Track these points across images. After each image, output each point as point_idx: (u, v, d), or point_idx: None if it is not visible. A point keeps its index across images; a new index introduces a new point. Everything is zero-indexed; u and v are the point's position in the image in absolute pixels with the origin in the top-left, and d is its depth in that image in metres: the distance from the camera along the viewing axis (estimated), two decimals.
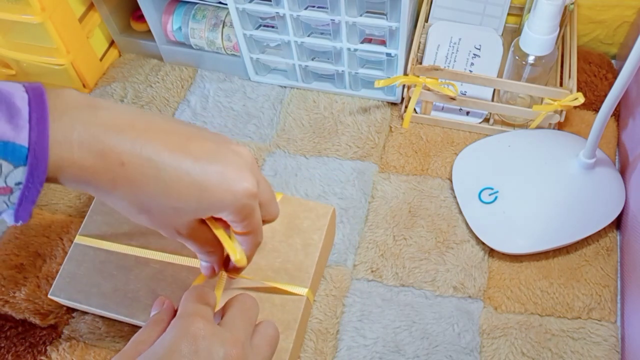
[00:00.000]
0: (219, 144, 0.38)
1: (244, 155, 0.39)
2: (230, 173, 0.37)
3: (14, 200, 0.34)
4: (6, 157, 0.32)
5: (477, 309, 0.55)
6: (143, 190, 0.36)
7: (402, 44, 0.62)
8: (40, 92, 0.33)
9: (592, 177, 0.57)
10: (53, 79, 0.73)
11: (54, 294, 0.52)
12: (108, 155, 0.34)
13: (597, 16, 0.71)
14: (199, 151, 0.37)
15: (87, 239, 0.54)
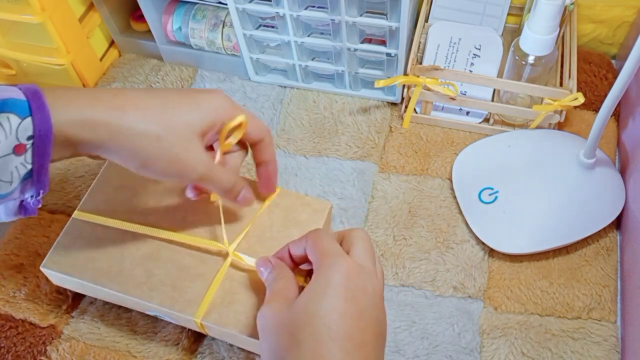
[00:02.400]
0: (188, 93, 0.45)
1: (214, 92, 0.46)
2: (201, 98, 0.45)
3: (29, 160, 0.39)
4: (11, 110, 0.37)
5: (477, 309, 0.55)
6: (135, 146, 0.41)
7: (402, 44, 0.62)
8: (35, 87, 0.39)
9: (592, 177, 0.57)
10: (53, 79, 0.73)
11: (47, 266, 0.51)
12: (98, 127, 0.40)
13: (597, 16, 0.71)
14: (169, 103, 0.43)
15: (85, 214, 0.54)
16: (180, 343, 0.54)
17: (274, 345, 0.39)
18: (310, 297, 0.39)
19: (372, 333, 0.39)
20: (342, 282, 0.39)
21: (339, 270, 0.40)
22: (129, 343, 0.54)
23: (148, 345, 0.54)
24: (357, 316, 0.39)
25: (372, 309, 0.40)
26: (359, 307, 0.39)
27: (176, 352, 0.53)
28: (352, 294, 0.39)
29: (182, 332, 0.54)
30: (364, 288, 0.40)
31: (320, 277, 0.40)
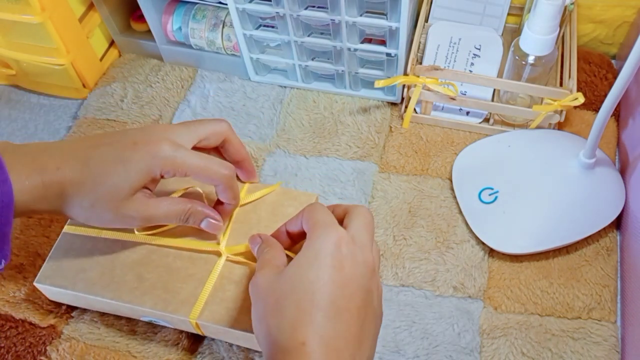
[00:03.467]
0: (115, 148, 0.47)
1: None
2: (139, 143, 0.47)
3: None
4: None
5: (477, 309, 0.55)
6: (76, 213, 0.46)
7: (402, 44, 0.62)
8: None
9: (592, 177, 0.57)
10: (53, 79, 0.73)
11: (40, 281, 0.52)
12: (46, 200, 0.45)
13: (597, 16, 0.71)
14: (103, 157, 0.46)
15: (75, 227, 0.54)
16: (180, 343, 0.54)
17: (261, 312, 0.40)
18: (298, 265, 0.40)
19: (359, 301, 0.39)
20: (329, 251, 0.39)
21: (328, 240, 0.40)
22: (129, 343, 0.54)
23: (148, 345, 0.54)
24: (343, 284, 0.39)
25: (359, 278, 0.40)
26: (345, 275, 0.39)
27: (176, 352, 0.53)
28: (340, 262, 0.39)
29: (182, 333, 0.54)
30: (353, 257, 0.40)
31: (309, 247, 0.40)
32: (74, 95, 0.75)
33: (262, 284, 0.41)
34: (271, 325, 0.39)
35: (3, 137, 0.72)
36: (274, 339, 0.38)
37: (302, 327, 0.37)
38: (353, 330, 0.38)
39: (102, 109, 0.72)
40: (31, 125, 0.73)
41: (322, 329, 0.37)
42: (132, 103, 0.72)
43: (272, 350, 0.38)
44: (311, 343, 0.37)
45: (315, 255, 0.40)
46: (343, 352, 0.37)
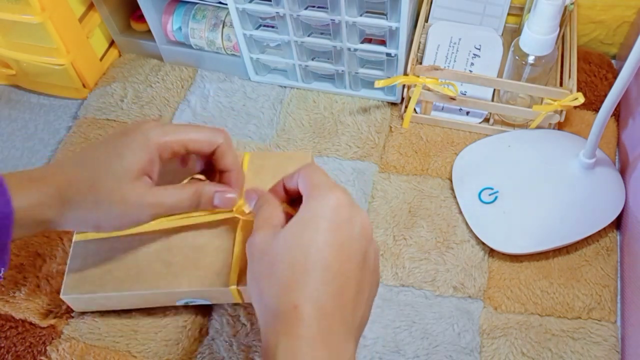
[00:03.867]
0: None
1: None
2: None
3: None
4: None
5: (477, 309, 0.55)
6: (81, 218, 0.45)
7: (402, 44, 0.62)
8: None
9: (592, 177, 0.57)
10: (53, 79, 0.73)
11: (66, 293, 0.51)
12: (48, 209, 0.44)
13: (597, 16, 0.71)
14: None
15: (84, 234, 0.54)
16: (180, 343, 0.54)
17: (256, 272, 0.40)
18: (294, 227, 0.39)
19: (355, 265, 0.38)
20: (327, 213, 0.38)
21: (327, 202, 0.39)
22: (129, 343, 0.54)
23: (148, 345, 0.54)
24: (339, 247, 0.38)
25: (356, 242, 0.39)
26: (341, 238, 0.38)
27: (176, 352, 0.53)
28: (337, 225, 0.38)
29: (182, 332, 0.54)
30: (350, 219, 0.39)
31: (306, 209, 0.40)
32: (74, 95, 0.75)
33: (258, 244, 0.40)
34: (264, 288, 0.38)
35: (3, 137, 0.72)
36: (267, 301, 0.38)
37: (295, 290, 0.36)
38: (348, 294, 0.37)
39: (102, 109, 0.72)
40: (31, 125, 0.73)
41: (316, 293, 0.36)
42: (132, 103, 0.72)
43: (264, 312, 0.38)
44: (303, 306, 0.36)
45: (312, 217, 0.39)
46: (336, 316, 0.36)
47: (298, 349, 0.35)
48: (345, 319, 0.37)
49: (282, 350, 0.35)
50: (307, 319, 0.35)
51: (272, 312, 0.37)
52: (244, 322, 0.55)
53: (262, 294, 0.38)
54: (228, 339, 0.54)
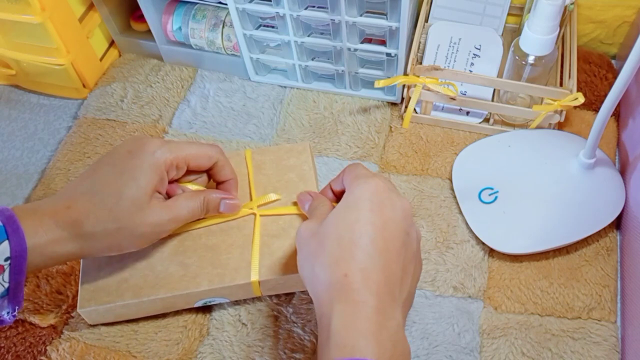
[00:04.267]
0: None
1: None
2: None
3: (7, 279, 0.42)
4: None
5: (477, 309, 0.55)
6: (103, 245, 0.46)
7: (402, 44, 0.62)
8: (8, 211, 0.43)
9: (592, 177, 0.57)
10: (53, 79, 0.73)
11: (83, 306, 0.51)
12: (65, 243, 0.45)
13: (597, 16, 0.71)
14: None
15: None
16: (180, 343, 0.54)
17: (305, 254, 0.42)
18: (338, 211, 0.42)
19: (398, 242, 0.40)
20: (368, 196, 0.41)
21: (367, 187, 0.42)
22: (129, 343, 0.54)
23: (148, 345, 0.54)
24: (382, 225, 0.40)
25: (398, 221, 0.41)
26: (383, 218, 0.40)
27: (176, 352, 0.53)
28: (378, 206, 0.41)
29: (182, 332, 0.54)
30: (391, 201, 0.41)
31: (349, 195, 0.42)
32: (74, 95, 0.75)
33: (304, 232, 0.43)
34: (315, 264, 0.40)
35: (3, 137, 0.72)
36: (318, 276, 0.40)
37: (344, 261, 0.39)
38: (393, 270, 0.39)
39: (102, 109, 0.72)
40: (31, 125, 0.73)
41: (363, 263, 0.39)
42: (132, 103, 0.72)
43: (316, 286, 0.40)
44: (353, 274, 0.38)
45: (355, 201, 0.41)
46: (382, 286, 0.38)
47: (351, 311, 0.37)
48: (392, 292, 0.39)
49: (337, 314, 0.37)
50: (357, 286, 0.38)
51: (325, 284, 0.39)
52: (244, 322, 0.55)
53: (313, 272, 0.41)
54: (228, 339, 0.54)
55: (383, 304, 0.38)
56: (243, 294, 0.53)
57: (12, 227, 0.42)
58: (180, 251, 0.53)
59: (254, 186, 0.56)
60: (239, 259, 0.52)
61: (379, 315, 0.37)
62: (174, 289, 0.51)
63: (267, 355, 0.53)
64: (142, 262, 0.52)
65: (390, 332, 0.38)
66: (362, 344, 0.36)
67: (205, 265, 0.52)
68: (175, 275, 0.51)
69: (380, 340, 0.37)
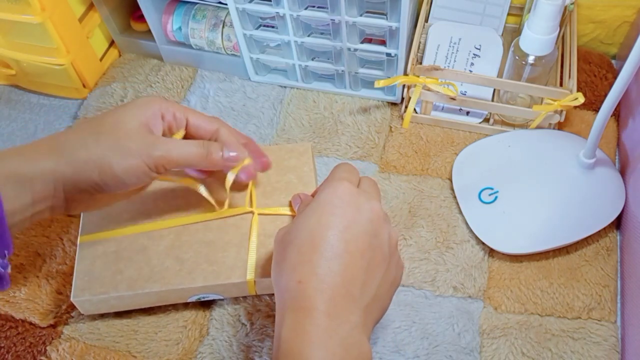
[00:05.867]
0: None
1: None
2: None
3: None
4: None
5: (477, 309, 0.55)
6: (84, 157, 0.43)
7: (402, 44, 0.62)
8: None
9: (592, 177, 0.57)
10: (53, 79, 0.73)
11: (77, 296, 0.51)
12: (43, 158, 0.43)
13: (597, 16, 0.71)
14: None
15: (89, 236, 0.54)
16: (180, 343, 0.54)
17: (275, 259, 0.42)
18: (303, 215, 0.41)
19: (362, 244, 0.40)
20: (331, 199, 0.41)
21: (332, 190, 0.41)
22: (129, 343, 0.54)
23: (148, 345, 0.54)
24: (343, 228, 0.40)
25: (364, 223, 0.40)
26: (346, 220, 0.40)
27: (176, 352, 0.53)
28: (341, 209, 0.40)
29: (182, 332, 0.54)
30: (357, 204, 0.41)
31: (316, 198, 0.42)
32: (74, 95, 0.75)
33: (277, 236, 0.43)
34: (277, 272, 0.41)
35: (3, 137, 0.72)
36: (279, 283, 0.40)
37: (300, 267, 0.39)
38: (354, 271, 0.39)
39: (102, 109, 0.72)
40: (31, 125, 0.73)
41: (319, 268, 0.38)
42: None
43: (278, 294, 0.40)
44: (307, 280, 0.38)
45: (319, 204, 0.41)
46: (339, 289, 0.38)
47: (300, 318, 0.37)
48: (350, 294, 0.39)
49: (287, 322, 0.38)
50: (309, 292, 0.38)
51: (283, 291, 0.39)
52: (244, 322, 0.55)
53: (277, 278, 0.41)
54: (228, 339, 0.54)
55: (336, 308, 0.38)
56: (238, 292, 0.53)
57: None
58: (177, 246, 0.53)
59: (253, 187, 0.56)
60: (235, 257, 0.52)
61: (330, 320, 0.37)
62: (168, 284, 0.51)
63: (267, 356, 0.53)
64: (138, 254, 0.52)
65: (342, 336, 0.37)
66: (308, 351, 0.36)
67: (201, 261, 0.52)
68: (171, 270, 0.51)
69: (329, 347, 0.36)
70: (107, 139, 0.43)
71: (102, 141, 0.43)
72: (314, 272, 0.38)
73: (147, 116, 0.46)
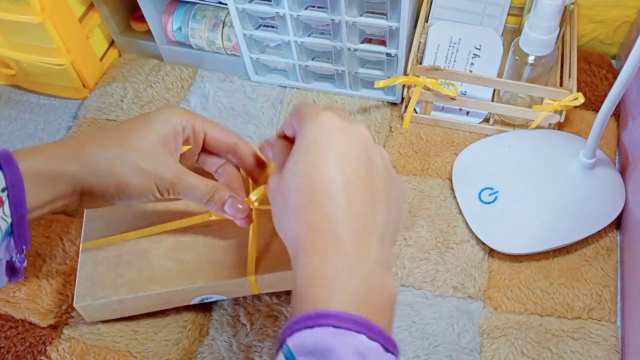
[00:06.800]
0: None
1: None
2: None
3: (8, 213, 0.41)
4: None
5: (477, 309, 0.55)
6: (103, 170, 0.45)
7: (402, 44, 0.62)
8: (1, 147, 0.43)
9: (592, 177, 0.57)
10: (53, 79, 0.73)
11: (79, 301, 0.51)
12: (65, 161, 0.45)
13: (597, 16, 0.71)
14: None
15: (91, 242, 0.54)
16: (180, 343, 0.54)
17: (277, 212, 0.40)
18: (292, 159, 0.39)
19: (362, 171, 0.38)
20: (317, 135, 0.38)
21: (314, 125, 0.39)
22: (129, 343, 0.54)
23: (148, 345, 0.54)
24: (338, 160, 0.37)
25: (355, 149, 0.38)
26: (338, 152, 0.38)
27: (176, 352, 0.53)
28: (330, 142, 0.38)
29: (182, 332, 0.54)
30: (344, 132, 0.38)
31: (300, 138, 0.39)
32: (74, 95, 0.75)
33: (271, 186, 0.41)
34: (283, 222, 0.39)
35: (3, 137, 0.72)
36: (288, 233, 0.38)
37: (306, 210, 0.37)
38: (360, 201, 0.37)
39: (102, 109, 0.72)
40: (31, 125, 0.73)
41: (326, 208, 0.36)
42: (132, 103, 0.72)
43: (290, 245, 0.38)
44: (317, 222, 0.36)
45: (306, 144, 0.38)
46: (352, 223, 0.36)
47: (315, 260, 0.35)
48: (364, 226, 0.36)
49: (301, 266, 0.35)
50: (322, 233, 0.36)
51: (293, 239, 0.37)
52: (244, 322, 0.55)
53: (284, 230, 0.39)
54: (228, 339, 0.54)
55: (353, 244, 0.35)
56: (240, 291, 0.53)
57: (5, 158, 0.42)
58: (177, 247, 0.53)
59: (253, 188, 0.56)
60: (235, 256, 0.52)
61: (346, 258, 0.35)
62: (169, 285, 0.51)
63: (267, 356, 0.53)
64: (138, 257, 0.52)
65: (364, 274, 0.35)
66: (326, 294, 0.34)
67: (202, 261, 0.52)
68: (172, 271, 0.51)
69: (347, 287, 0.34)
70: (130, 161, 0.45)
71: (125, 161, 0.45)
72: (322, 212, 0.36)
73: (168, 133, 0.47)
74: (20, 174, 0.42)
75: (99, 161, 0.45)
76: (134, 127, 0.46)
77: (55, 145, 0.45)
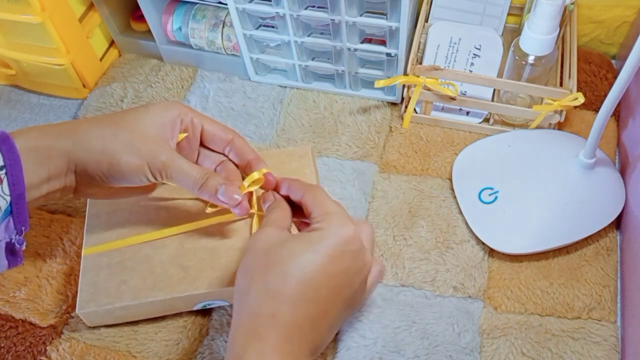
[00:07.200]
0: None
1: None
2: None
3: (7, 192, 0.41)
4: None
5: (477, 309, 0.55)
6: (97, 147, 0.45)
7: (402, 44, 0.62)
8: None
9: (592, 177, 0.57)
10: (53, 79, 0.73)
11: (82, 308, 0.51)
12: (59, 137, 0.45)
13: (597, 16, 0.71)
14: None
15: (93, 248, 0.54)
16: (180, 343, 0.54)
17: (252, 266, 0.41)
18: (302, 244, 0.41)
19: (342, 296, 0.41)
20: (336, 242, 0.41)
21: (341, 233, 0.41)
22: (129, 343, 0.54)
23: (148, 345, 0.54)
24: (333, 275, 0.40)
25: (352, 275, 0.41)
26: (338, 269, 0.40)
27: (176, 352, 0.53)
28: (341, 256, 0.41)
29: (182, 332, 0.54)
30: (355, 255, 0.41)
31: (322, 230, 0.42)
32: (74, 95, 0.75)
33: (262, 239, 0.42)
34: (253, 286, 0.40)
35: None
36: (250, 301, 0.40)
37: (280, 300, 0.39)
38: (320, 318, 0.40)
39: (102, 109, 0.72)
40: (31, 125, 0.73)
41: (296, 309, 0.39)
42: (132, 103, 0.72)
43: (242, 309, 0.40)
44: (281, 317, 0.38)
45: (323, 240, 0.41)
46: (305, 334, 0.39)
47: (266, 353, 0.37)
48: (312, 338, 0.40)
49: (251, 353, 0.37)
50: (280, 330, 0.38)
51: (250, 313, 0.39)
52: None
53: (249, 291, 0.40)
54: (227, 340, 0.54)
55: (298, 352, 0.38)
56: None
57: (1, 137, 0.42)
58: (180, 253, 0.53)
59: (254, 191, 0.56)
60: (238, 262, 0.51)
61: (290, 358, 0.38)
62: (172, 291, 0.51)
63: None
64: (142, 263, 0.52)
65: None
66: None
67: (205, 267, 0.52)
68: (175, 278, 0.51)
69: None
70: (123, 138, 0.45)
71: (118, 138, 0.45)
72: (291, 310, 0.39)
73: (165, 121, 0.47)
74: (17, 153, 0.42)
75: (92, 137, 0.45)
76: (131, 111, 0.47)
77: (53, 124, 0.46)
